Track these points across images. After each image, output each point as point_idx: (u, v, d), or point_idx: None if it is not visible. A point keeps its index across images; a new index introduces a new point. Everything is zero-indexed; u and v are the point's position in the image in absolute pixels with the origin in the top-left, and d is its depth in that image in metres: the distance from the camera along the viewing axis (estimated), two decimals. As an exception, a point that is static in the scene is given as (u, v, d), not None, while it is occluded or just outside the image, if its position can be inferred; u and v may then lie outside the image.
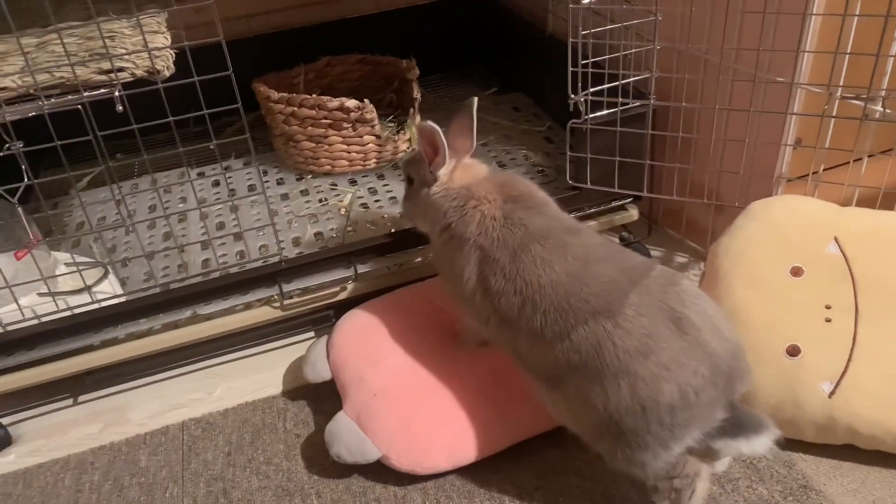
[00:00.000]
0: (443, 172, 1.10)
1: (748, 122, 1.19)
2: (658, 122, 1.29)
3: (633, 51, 1.23)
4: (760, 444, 0.89)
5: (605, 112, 1.27)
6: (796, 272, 1.08)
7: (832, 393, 1.01)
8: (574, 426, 0.98)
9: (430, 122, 1.06)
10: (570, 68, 1.21)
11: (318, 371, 1.20)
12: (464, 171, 1.11)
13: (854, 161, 1.19)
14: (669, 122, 1.29)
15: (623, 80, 1.24)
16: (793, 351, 1.04)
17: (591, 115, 1.26)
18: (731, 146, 1.24)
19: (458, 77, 2.05)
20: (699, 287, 1.14)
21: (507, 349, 1.03)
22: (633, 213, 1.42)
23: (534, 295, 0.95)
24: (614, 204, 1.40)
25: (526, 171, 1.59)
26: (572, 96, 1.24)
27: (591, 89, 1.24)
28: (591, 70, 1.21)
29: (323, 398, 1.22)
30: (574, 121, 1.28)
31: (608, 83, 1.25)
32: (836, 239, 1.09)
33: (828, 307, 1.05)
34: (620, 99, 1.24)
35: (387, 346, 1.16)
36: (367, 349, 1.17)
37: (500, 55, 2.00)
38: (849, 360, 1.02)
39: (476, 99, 1.11)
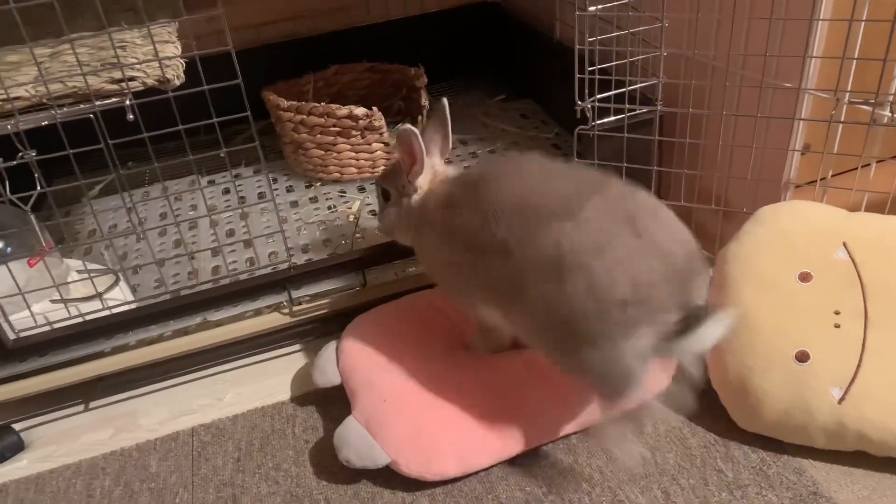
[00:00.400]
0: (421, 181, 1.10)
1: (755, 128, 1.19)
2: (665, 127, 1.29)
3: (640, 57, 1.24)
4: (709, 333, 0.90)
5: (612, 118, 1.27)
6: (805, 277, 1.08)
7: (842, 399, 1.01)
8: (535, 336, 1.00)
9: (409, 126, 1.06)
10: (577, 75, 1.22)
11: (328, 376, 1.20)
12: (442, 176, 1.12)
13: (862, 166, 1.18)
14: (677, 127, 1.29)
15: (630, 86, 1.24)
16: (802, 356, 1.03)
17: (599, 122, 1.27)
18: (738, 152, 1.24)
19: (465, 84, 2.06)
20: (708, 293, 1.15)
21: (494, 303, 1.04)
22: (642, 219, 1.42)
23: (499, 209, 0.98)
24: (622, 210, 1.40)
25: (534, 178, 1.59)
26: (579, 103, 1.24)
27: (599, 96, 1.24)
28: (598, 77, 1.21)
29: (332, 403, 1.23)
30: (581, 127, 1.28)
31: (615, 89, 1.25)
32: (844, 244, 1.09)
33: (837, 313, 1.05)
34: (627, 105, 1.25)
35: (396, 352, 1.17)
36: (377, 354, 1.17)
37: (507, 62, 2.01)
38: (858, 365, 1.02)
39: (446, 100, 1.13)
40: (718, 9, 1.19)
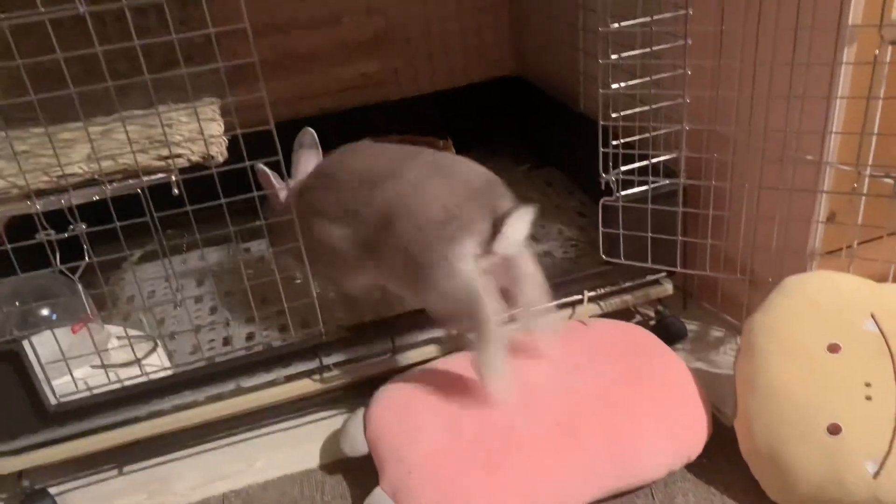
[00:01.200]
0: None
1: (779, 200, 1.22)
2: (689, 199, 1.32)
3: (663, 132, 1.28)
4: (515, 226, 1.12)
5: (636, 190, 1.30)
6: (833, 349, 1.08)
7: (877, 473, 0.99)
8: (399, 283, 1.23)
9: (261, 167, 1.26)
10: (602, 149, 1.26)
11: (356, 445, 1.21)
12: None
13: (889, 235, 1.20)
14: (700, 199, 1.32)
15: (653, 159, 1.28)
16: (834, 429, 1.03)
17: (623, 193, 1.30)
18: (762, 222, 1.26)
19: (491, 152, 2.11)
20: (736, 362, 1.15)
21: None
22: (668, 288, 1.43)
23: (344, 184, 1.23)
24: (649, 278, 1.42)
25: (560, 245, 1.62)
26: (603, 175, 1.28)
27: (622, 168, 1.28)
28: (621, 150, 1.25)
29: (360, 472, 1.23)
30: (606, 198, 1.31)
31: (639, 162, 1.29)
32: (872, 315, 1.09)
33: (867, 384, 1.04)
34: (651, 178, 1.28)
35: (424, 421, 1.18)
36: (405, 424, 1.18)
37: (532, 132, 2.07)
38: (892, 438, 1.01)
39: (312, 130, 1.39)
40: (738, 87, 1.23)
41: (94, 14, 0.98)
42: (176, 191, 1.07)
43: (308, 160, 1.39)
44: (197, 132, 1.11)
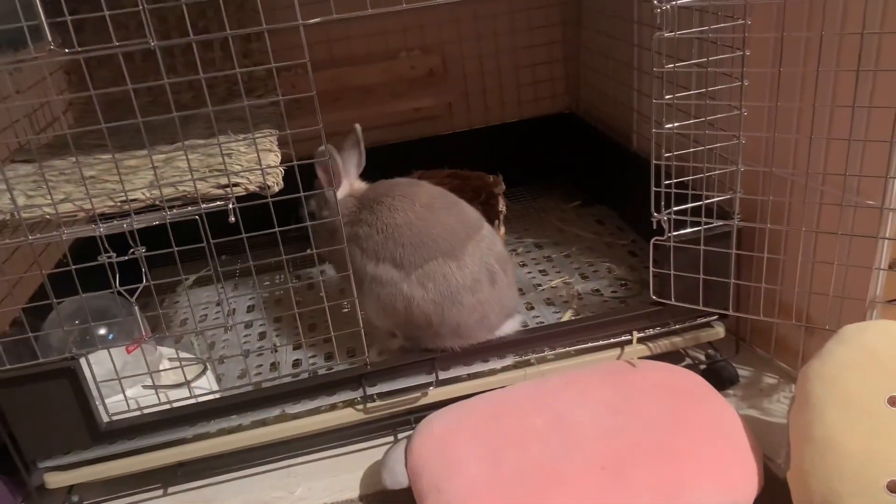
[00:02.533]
0: (339, 194, 1.38)
1: (837, 245, 1.18)
2: (744, 241, 1.29)
3: (717, 172, 1.26)
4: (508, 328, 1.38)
5: (688, 230, 1.29)
6: (893, 402, 1.03)
7: (941, 536, 0.94)
8: (387, 320, 1.36)
9: (328, 147, 1.26)
10: (654, 188, 1.25)
11: (396, 477, 1.21)
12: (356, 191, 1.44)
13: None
14: (755, 241, 1.29)
15: (707, 199, 1.26)
16: (893, 487, 0.98)
17: (675, 233, 1.28)
18: (820, 268, 1.23)
19: (542, 189, 2.12)
20: (790, 411, 1.11)
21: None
22: (720, 331, 1.40)
23: (393, 233, 1.31)
24: (700, 321, 1.38)
25: (609, 284, 1.60)
26: (655, 214, 1.27)
27: (675, 208, 1.26)
28: (674, 190, 1.24)
29: (400, 505, 1.23)
30: (657, 238, 1.30)
31: (692, 202, 1.27)
32: (937, 368, 1.04)
33: (931, 441, 0.99)
34: (704, 218, 1.26)
35: (465, 456, 1.17)
36: (445, 458, 1.18)
37: (584, 169, 2.07)
38: (958, 500, 0.95)
39: (359, 126, 1.42)
40: (797, 128, 1.21)
41: (162, 47, 1.02)
42: (232, 218, 1.10)
43: (350, 161, 1.45)
44: (255, 162, 1.15)
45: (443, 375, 1.33)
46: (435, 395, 1.33)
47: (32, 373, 1.17)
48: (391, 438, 1.39)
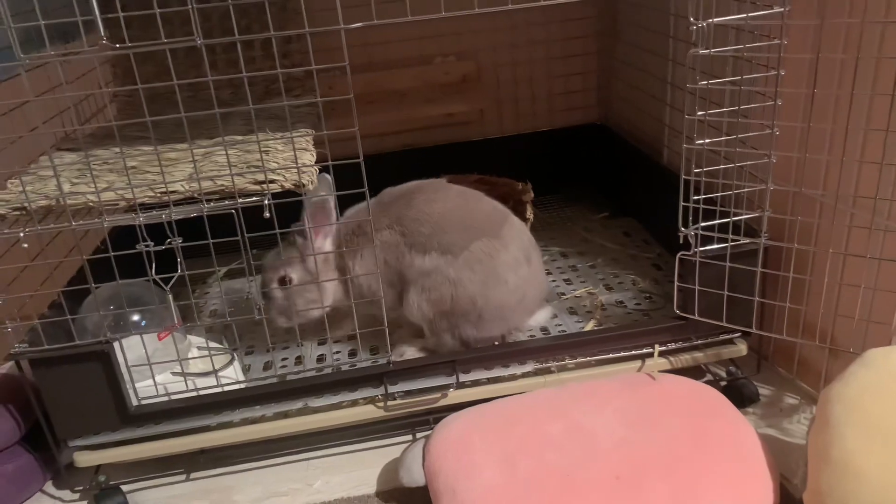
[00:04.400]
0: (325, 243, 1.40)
1: (865, 268, 1.18)
2: (770, 260, 1.29)
3: (746, 190, 1.26)
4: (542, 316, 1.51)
5: (715, 246, 1.29)
6: (916, 428, 1.03)
7: (957, 566, 0.93)
8: (430, 310, 1.38)
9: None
10: (682, 203, 1.25)
11: (413, 476, 1.23)
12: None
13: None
14: (782, 260, 1.29)
15: (735, 217, 1.27)
16: (911, 513, 0.97)
17: (701, 249, 1.29)
18: (846, 290, 1.22)
19: (570, 199, 2.13)
20: (809, 432, 1.11)
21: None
22: (742, 349, 1.40)
23: (439, 221, 1.36)
24: (723, 337, 1.39)
25: (633, 296, 1.61)
26: (682, 229, 1.27)
27: (702, 224, 1.27)
28: (702, 206, 1.25)
29: (416, 503, 1.25)
30: (683, 252, 1.30)
31: (720, 219, 1.27)
32: (961, 397, 1.03)
33: (952, 469, 0.99)
34: (731, 235, 1.26)
35: (481, 460, 1.18)
36: (462, 460, 1.19)
37: (612, 181, 2.07)
38: (977, 530, 0.95)
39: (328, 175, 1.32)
40: (828, 149, 1.21)
41: (207, 44, 1.05)
42: (267, 214, 1.13)
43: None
44: (291, 160, 1.18)
45: (463, 378, 1.34)
46: (455, 396, 1.34)
47: (68, 354, 1.21)
48: (410, 437, 1.40)
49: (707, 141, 1.24)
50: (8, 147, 1.16)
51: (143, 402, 1.27)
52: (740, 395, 1.39)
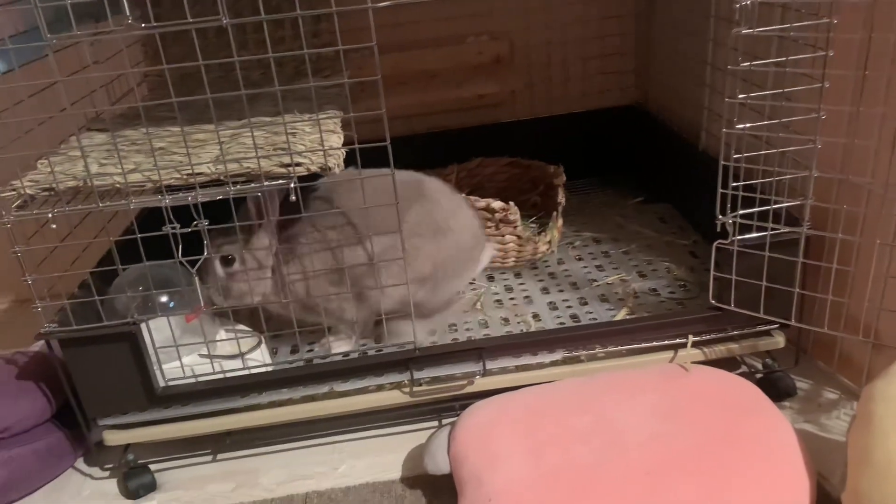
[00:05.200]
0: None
1: (914, 260, 1.13)
2: (812, 250, 1.24)
3: (789, 177, 1.21)
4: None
5: (754, 235, 1.24)
6: (964, 430, 0.98)
7: None
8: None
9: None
10: (720, 189, 1.21)
11: (438, 463, 1.21)
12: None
13: None
14: (824, 251, 1.24)
15: (776, 205, 1.22)
16: (957, 519, 0.93)
17: (740, 237, 1.24)
18: (892, 283, 1.17)
19: (603, 183, 2.08)
20: (850, 430, 1.07)
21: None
22: (780, 341, 1.35)
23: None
24: (759, 329, 1.34)
25: (667, 284, 1.57)
26: (720, 217, 1.23)
27: (741, 212, 1.22)
28: (741, 193, 1.20)
29: (440, 490, 1.23)
30: (721, 241, 1.26)
31: (759, 206, 1.23)
32: None
33: None
34: (771, 224, 1.22)
35: (507, 449, 1.16)
36: (488, 449, 1.17)
37: (648, 165, 2.02)
38: None
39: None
40: (878, 135, 1.15)
41: (234, 24, 1.04)
42: (293, 197, 1.12)
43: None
44: (318, 143, 1.16)
45: (490, 365, 1.32)
46: (481, 384, 1.33)
47: (97, 334, 1.22)
48: (435, 423, 1.39)
49: (748, 125, 1.19)
50: (37, 127, 1.16)
51: (171, 383, 1.28)
52: (776, 389, 1.34)
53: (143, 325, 1.22)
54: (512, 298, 1.59)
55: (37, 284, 1.18)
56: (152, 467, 1.34)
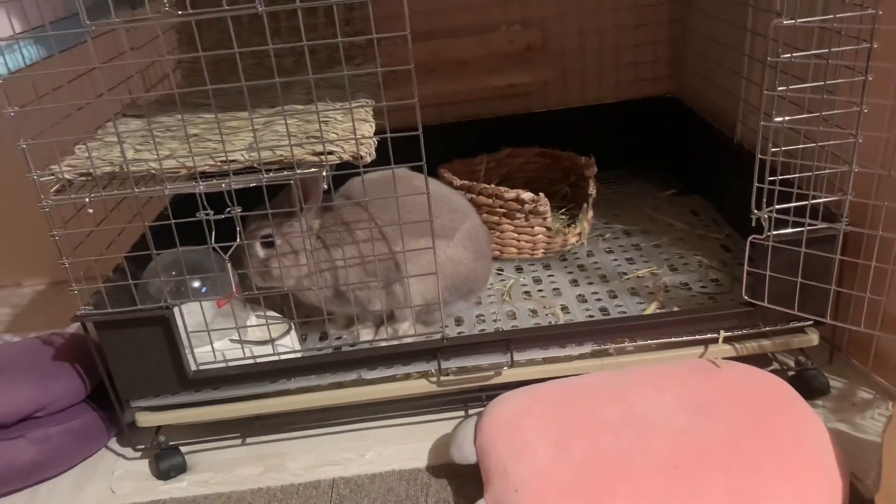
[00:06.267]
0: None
1: (957, 259, 1.10)
2: (849, 246, 1.21)
3: (827, 171, 1.19)
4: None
5: (790, 230, 1.22)
6: None
7: None
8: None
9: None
10: (756, 184, 1.19)
11: (464, 453, 1.22)
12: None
13: None
14: (862, 248, 1.21)
15: (813, 200, 1.19)
16: None
17: (775, 232, 1.22)
18: (934, 282, 1.14)
19: (634, 174, 2.06)
20: (885, 431, 1.05)
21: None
22: (813, 338, 1.33)
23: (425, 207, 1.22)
24: (793, 325, 1.32)
25: (699, 278, 1.55)
26: (756, 211, 1.21)
27: (777, 206, 1.20)
28: (778, 187, 1.18)
29: (466, 479, 1.24)
30: (755, 236, 1.24)
31: (796, 202, 1.20)
32: None
33: None
34: (808, 220, 1.19)
35: (534, 441, 1.16)
36: (514, 440, 1.17)
37: (681, 157, 1.99)
38: None
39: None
40: (923, 130, 1.12)
41: (269, 11, 1.04)
42: (325, 185, 1.12)
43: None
44: (350, 131, 1.16)
45: (518, 357, 1.32)
46: (508, 375, 1.32)
47: (130, 318, 1.24)
48: (462, 413, 1.40)
49: (787, 118, 1.16)
50: (75, 113, 1.18)
51: (202, 367, 1.29)
52: (809, 387, 1.32)
53: (175, 310, 1.24)
54: (540, 290, 1.58)
55: (73, 267, 1.20)
56: (183, 449, 1.36)
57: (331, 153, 1.14)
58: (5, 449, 1.30)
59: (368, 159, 1.14)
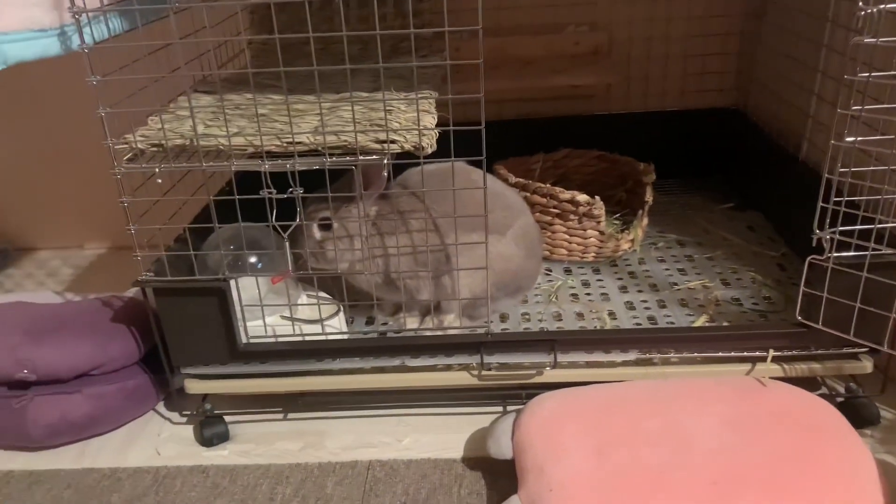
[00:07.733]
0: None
1: None
2: (914, 275, 1.18)
3: (897, 196, 1.16)
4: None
5: (851, 253, 1.19)
6: None
7: None
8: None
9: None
10: (821, 203, 1.16)
11: (501, 448, 1.23)
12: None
13: None
14: (928, 277, 1.17)
15: (879, 224, 1.16)
16: None
17: (836, 254, 1.19)
18: None
19: (693, 185, 2.03)
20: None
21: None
22: (867, 365, 1.30)
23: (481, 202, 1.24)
24: (846, 350, 1.29)
25: (751, 295, 1.52)
26: (817, 231, 1.18)
27: (841, 228, 1.17)
28: (843, 209, 1.15)
29: (500, 474, 1.25)
30: (815, 256, 1.21)
31: (861, 224, 1.17)
32: None
33: None
34: (873, 244, 1.16)
35: (572, 444, 1.16)
36: (553, 440, 1.18)
37: (740, 171, 1.96)
38: None
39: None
40: None
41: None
42: (385, 173, 1.14)
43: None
44: (413, 121, 1.18)
45: (561, 358, 1.32)
46: (550, 375, 1.33)
47: (188, 287, 1.28)
48: (500, 409, 1.40)
49: (858, 139, 1.13)
50: (151, 85, 1.22)
51: (252, 340, 1.33)
52: (859, 415, 1.29)
53: (232, 283, 1.28)
54: (588, 294, 1.58)
55: (138, 234, 1.25)
56: (227, 419, 1.40)
57: (393, 142, 1.16)
58: (62, 402, 1.36)
59: (429, 150, 1.16)
